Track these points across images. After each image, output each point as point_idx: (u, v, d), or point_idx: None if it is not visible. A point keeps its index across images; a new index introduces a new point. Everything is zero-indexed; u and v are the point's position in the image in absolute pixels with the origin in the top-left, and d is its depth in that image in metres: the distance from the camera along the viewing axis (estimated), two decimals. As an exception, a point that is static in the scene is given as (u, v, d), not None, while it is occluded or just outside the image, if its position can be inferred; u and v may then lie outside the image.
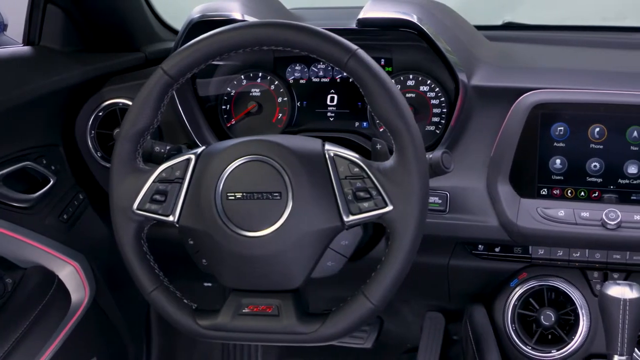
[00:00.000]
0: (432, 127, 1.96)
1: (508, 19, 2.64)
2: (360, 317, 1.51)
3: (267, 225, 1.50)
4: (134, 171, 1.59)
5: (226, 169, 1.53)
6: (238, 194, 1.52)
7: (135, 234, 1.59)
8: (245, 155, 1.53)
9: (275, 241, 1.50)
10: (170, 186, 1.57)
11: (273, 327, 1.54)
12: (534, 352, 1.94)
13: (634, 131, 1.78)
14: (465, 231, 1.88)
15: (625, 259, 1.91)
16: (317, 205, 1.51)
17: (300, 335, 1.53)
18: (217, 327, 1.56)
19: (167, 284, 1.61)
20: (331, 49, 1.50)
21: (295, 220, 1.50)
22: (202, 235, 1.56)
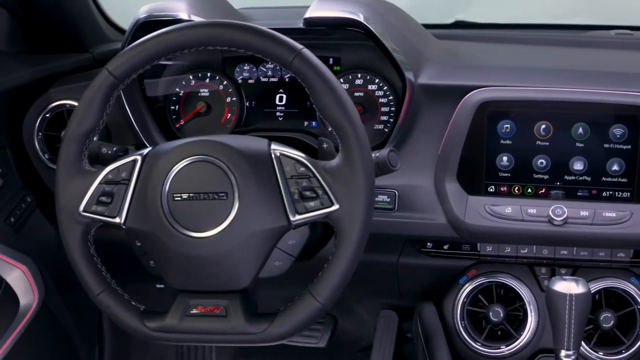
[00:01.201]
0: (381, 126, 1.97)
1: (460, 18, 2.65)
2: (308, 316, 1.51)
3: (214, 225, 1.49)
4: (80, 173, 1.58)
5: (172, 170, 1.52)
6: (184, 194, 1.51)
7: (82, 237, 1.58)
8: (191, 155, 1.52)
9: (221, 241, 1.49)
10: (116, 188, 1.56)
11: (221, 327, 1.53)
12: (483, 349, 1.95)
13: (579, 128, 1.80)
14: (414, 229, 1.89)
15: (572, 255, 1.92)
16: (263, 205, 1.50)
17: (249, 335, 1.53)
18: (165, 329, 1.55)
19: (115, 286, 1.59)
20: (276, 49, 1.50)
21: (241, 221, 1.49)
22: (149, 237, 1.55)
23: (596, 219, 1.79)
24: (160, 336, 1.56)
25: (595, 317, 1.91)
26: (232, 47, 1.52)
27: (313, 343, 2.54)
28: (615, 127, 1.79)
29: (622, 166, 1.80)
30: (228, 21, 1.53)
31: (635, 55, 2.19)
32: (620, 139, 1.79)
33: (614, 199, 1.81)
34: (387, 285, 2.12)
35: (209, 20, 1.64)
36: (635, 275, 1.94)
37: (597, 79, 1.89)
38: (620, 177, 1.80)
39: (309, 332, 2.58)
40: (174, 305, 1.56)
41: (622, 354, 1.92)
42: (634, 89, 1.81)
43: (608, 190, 1.81)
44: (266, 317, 1.53)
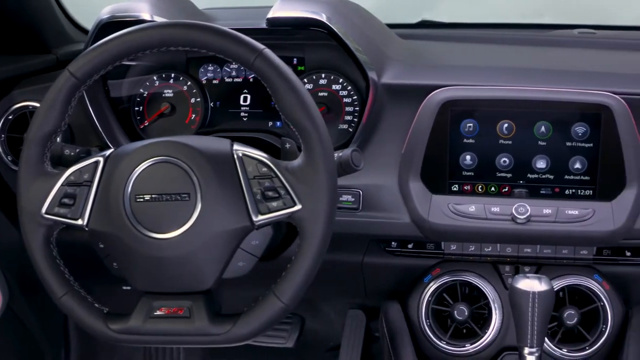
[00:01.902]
0: (345, 126, 1.97)
1: (427, 17, 2.66)
2: (271, 316, 1.51)
3: (177, 226, 1.49)
4: (42, 175, 1.57)
5: (134, 171, 1.51)
6: (147, 195, 1.50)
7: (45, 239, 1.57)
8: (153, 156, 1.52)
9: (184, 242, 1.49)
10: (78, 189, 1.55)
11: (185, 329, 1.53)
12: (448, 347, 1.96)
13: (542, 126, 1.81)
14: (378, 228, 1.89)
15: (536, 253, 1.93)
16: (226, 205, 1.50)
17: (212, 336, 1.52)
18: (129, 331, 1.54)
19: (78, 288, 1.59)
20: (238, 49, 1.50)
21: (204, 221, 1.49)
22: (112, 238, 1.54)
23: (559, 216, 1.80)
24: (123, 338, 1.56)
25: (559, 314, 1.93)
26: (194, 47, 1.51)
27: (281, 343, 2.54)
28: (577, 125, 1.80)
29: (585, 164, 1.81)
30: (189, 22, 1.53)
31: (597, 54, 2.21)
32: (582, 137, 1.80)
33: (576, 197, 1.83)
34: (353, 284, 2.13)
35: (170, 21, 1.64)
36: (598, 272, 1.95)
37: (559, 77, 1.90)
38: (582, 175, 1.81)
39: (277, 332, 2.58)
40: (137, 306, 1.55)
41: (586, 350, 1.94)
42: (595, 88, 1.82)
43: (571, 188, 1.82)
44: (230, 318, 1.53)
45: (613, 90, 1.81)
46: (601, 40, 2.31)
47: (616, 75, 1.93)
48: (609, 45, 2.27)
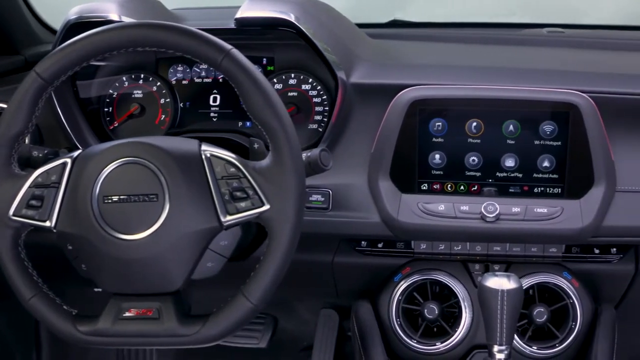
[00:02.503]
0: (315, 125, 1.97)
1: (399, 17, 2.67)
2: (240, 317, 1.51)
3: (145, 227, 1.49)
4: (9, 177, 1.56)
5: (102, 172, 1.51)
6: (115, 197, 1.50)
7: (12, 241, 1.56)
8: (120, 157, 1.52)
9: (153, 243, 1.49)
10: (46, 191, 1.54)
11: (154, 330, 1.53)
12: (419, 346, 1.97)
13: (510, 125, 1.81)
14: (348, 228, 1.89)
15: (505, 251, 1.94)
16: (194, 206, 1.50)
17: (181, 337, 1.52)
18: (98, 333, 1.54)
19: (47, 290, 1.58)
20: (205, 49, 1.50)
21: (172, 222, 1.49)
22: (80, 240, 1.53)
23: (528, 215, 1.81)
24: (92, 340, 1.55)
25: (529, 312, 1.93)
26: (161, 48, 1.51)
27: (254, 344, 2.53)
28: (545, 124, 1.81)
29: (553, 162, 1.82)
30: (156, 22, 1.53)
31: (566, 53, 2.23)
32: (551, 135, 1.81)
33: (545, 195, 1.83)
34: (324, 284, 2.13)
35: (137, 21, 1.63)
36: (567, 270, 1.97)
37: (527, 76, 1.91)
38: (551, 173, 1.82)
39: (250, 332, 2.58)
40: (106, 308, 1.55)
41: (556, 347, 1.95)
42: (563, 86, 1.83)
43: (539, 187, 1.83)
44: (199, 319, 1.53)
45: (581, 89, 1.82)
46: (570, 39, 2.33)
47: (584, 74, 1.94)
48: (577, 44, 2.29)
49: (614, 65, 2.09)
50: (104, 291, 1.57)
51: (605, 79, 1.91)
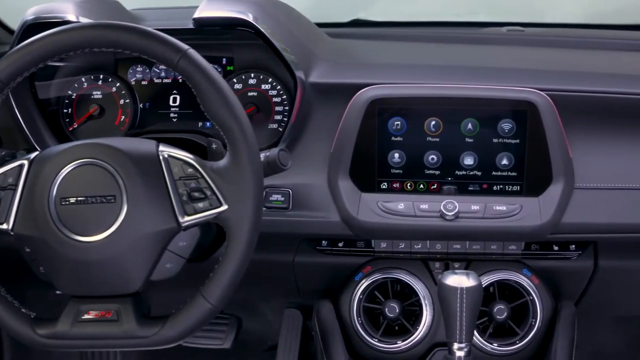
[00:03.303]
0: (275, 125, 1.96)
1: (362, 16, 2.67)
2: (199, 318, 1.51)
3: (102, 229, 1.48)
4: None
5: (59, 174, 1.51)
6: (72, 198, 1.49)
7: None
8: (77, 159, 1.51)
9: (110, 245, 1.48)
10: (3, 193, 1.54)
11: (113, 332, 1.52)
12: (380, 344, 1.97)
13: (469, 123, 1.82)
14: (309, 227, 1.89)
15: (465, 249, 1.95)
16: (152, 207, 1.50)
17: (140, 339, 1.52)
18: (57, 336, 1.53)
19: (5, 293, 1.57)
20: (161, 50, 1.50)
21: (130, 223, 1.48)
22: (38, 243, 1.53)
23: (487, 212, 1.82)
24: (51, 343, 1.55)
25: (489, 309, 1.94)
26: (118, 48, 1.51)
27: (218, 344, 2.52)
28: (504, 122, 1.82)
29: (512, 160, 1.83)
30: (112, 22, 1.52)
31: (525, 51, 2.24)
32: (509, 133, 1.82)
33: (504, 193, 1.84)
34: (286, 284, 2.13)
35: (94, 22, 1.62)
36: (527, 267, 1.98)
37: (486, 75, 1.92)
38: (509, 171, 1.83)
39: (213, 333, 2.57)
40: (65, 311, 1.55)
41: (516, 344, 1.96)
42: (521, 85, 1.84)
43: (498, 184, 1.84)
44: (158, 320, 1.52)
45: (539, 87, 1.83)
46: (529, 38, 2.35)
47: (542, 72, 1.96)
48: (536, 43, 2.30)
49: (573, 63, 2.11)
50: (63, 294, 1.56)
51: (563, 77, 1.93)
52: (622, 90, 1.86)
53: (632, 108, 1.86)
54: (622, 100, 1.86)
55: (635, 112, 1.86)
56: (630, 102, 1.86)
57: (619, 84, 1.89)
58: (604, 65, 2.09)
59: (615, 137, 1.88)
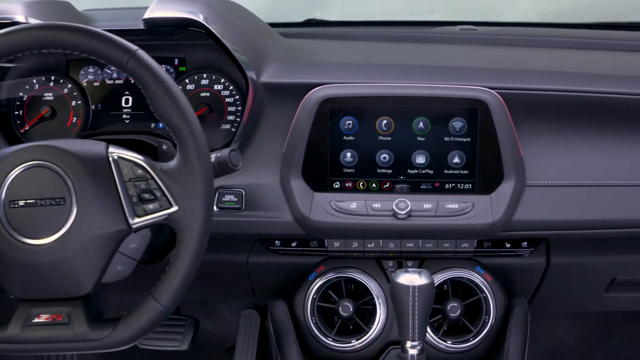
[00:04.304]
0: (228, 126, 1.96)
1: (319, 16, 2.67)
2: (150, 319, 1.50)
3: (52, 232, 1.48)
4: None
5: (8, 177, 1.49)
6: (21, 201, 1.48)
7: None
8: (26, 161, 1.50)
9: (61, 248, 1.48)
10: None
11: (64, 335, 1.51)
12: (335, 344, 1.97)
13: (420, 122, 1.83)
14: (261, 227, 1.89)
15: (418, 247, 1.96)
16: (102, 209, 1.49)
17: (92, 342, 1.51)
18: (7, 340, 1.52)
19: None
20: (110, 50, 1.49)
21: (80, 226, 1.48)
22: None
23: (439, 211, 1.82)
24: (1, 347, 1.53)
25: (443, 307, 1.95)
26: (67, 49, 1.50)
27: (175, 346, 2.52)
28: (455, 120, 1.82)
29: (463, 158, 1.84)
30: (61, 23, 1.51)
31: (477, 50, 2.25)
32: (460, 132, 1.83)
33: (456, 191, 1.85)
34: (240, 284, 2.12)
35: (42, 23, 1.61)
36: (480, 264, 1.99)
37: (437, 73, 1.93)
38: (461, 169, 1.84)
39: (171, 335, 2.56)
40: (15, 315, 1.53)
41: (470, 341, 1.97)
42: (472, 83, 1.85)
43: (450, 183, 1.85)
44: (110, 323, 1.52)
45: (489, 85, 1.84)
46: (481, 37, 2.36)
47: (492, 70, 1.97)
48: (488, 42, 2.32)
49: (524, 61, 2.12)
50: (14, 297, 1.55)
51: (514, 75, 1.94)
52: (571, 88, 1.88)
53: (582, 106, 1.88)
54: (572, 98, 1.87)
55: (585, 110, 1.88)
56: (580, 100, 1.87)
57: (569, 82, 1.90)
58: (554, 64, 2.11)
59: (566, 135, 1.89)
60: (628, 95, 1.87)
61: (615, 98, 1.87)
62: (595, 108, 1.88)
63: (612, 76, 1.96)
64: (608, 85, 1.89)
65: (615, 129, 1.89)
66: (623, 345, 2.96)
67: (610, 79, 1.93)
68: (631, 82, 1.92)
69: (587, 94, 1.87)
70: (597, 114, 1.88)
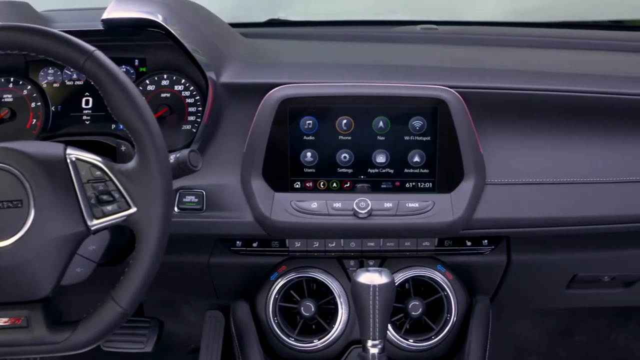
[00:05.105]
0: (189, 126, 1.95)
1: (282, 16, 2.67)
2: (110, 322, 1.49)
3: (10, 234, 1.47)
4: None
5: None
6: None
7: None
8: None
9: (18, 250, 1.47)
10: None
11: (23, 339, 1.50)
12: (297, 344, 1.97)
13: (380, 121, 1.83)
14: (222, 228, 1.88)
15: (379, 246, 1.96)
16: (60, 211, 1.48)
17: (52, 345, 1.50)
18: None
19: None
20: (67, 51, 1.48)
21: (38, 228, 1.47)
22: None
23: (400, 210, 1.83)
24: None
25: (405, 305, 1.96)
26: (23, 50, 1.49)
27: (139, 348, 2.51)
28: (415, 119, 1.83)
29: (423, 157, 1.84)
30: (17, 24, 1.50)
31: (438, 49, 2.26)
32: (420, 131, 1.83)
33: (416, 190, 1.86)
34: (203, 285, 2.12)
35: None
36: (441, 263, 2.00)
37: (396, 72, 1.94)
38: (421, 168, 1.85)
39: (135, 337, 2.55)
40: None
41: (432, 339, 1.97)
42: (431, 82, 1.86)
43: (411, 182, 1.85)
44: (69, 326, 1.51)
45: (449, 84, 1.85)
46: (442, 36, 2.37)
47: (452, 69, 1.98)
48: (449, 41, 2.33)
49: (484, 60, 2.13)
50: None
51: (474, 74, 1.95)
52: (531, 86, 1.89)
53: (541, 104, 1.89)
54: (531, 97, 1.88)
55: (544, 108, 1.89)
56: (540, 98, 1.88)
57: (529, 81, 1.91)
58: (515, 63, 2.12)
59: (526, 133, 1.90)
60: (586, 94, 1.89)
61: (573, 96, 1.88)
62: (554, 106, 1.89)
63: (571, 74, 1.97)
64: (567, 83, 1.91)
65: (574, 127, 1.91)
66: (587, 341, 2.99)
67: (569, 78, 1.94)
68: (590, 80, 1.94)
69: (547, 92, 1.88)
70: (556, 112, 1.90)
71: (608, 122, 1.90)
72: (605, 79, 1.94)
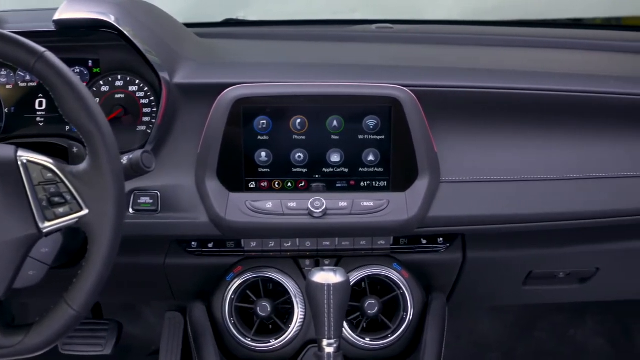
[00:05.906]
0: (144, 127, 1.94)
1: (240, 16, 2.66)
2: (63, 325, 1.48)
3: None
4: None
5: None
6: None
7: None
8: None
9: None
10: None
11: None
12: (253, 344, 1.97)
13: (334, 121, 1.83)
14: (177, 229, 1.88)
15: (335, 245, 1.97)
16: (10, 214, 1.47)
17: (4, 348, 1.49)
18: None
19: None
20: (17, 52, 1.47)
21: None
22: None
23: (354, 209, 1.83)
24: None
25: (361, 304, 1.96)
26: None
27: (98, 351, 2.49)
28: (368, 118, 1.83)
29: (378, 156, 1.85)
30: None
31: (392, 48, 2.27)
32: (374, 130, 1.84)
33: (371, 189, 1.86)
34: (159, 287, 2.11)
35: None
36: (397, 261, 2.01)
37: (350, 72, 1.94)
38: (376, 167, 1.85)
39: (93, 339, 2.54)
40: None
41: (388, 338, 1.98)
42: (385, 81, 1.86)
43: (365, 180, 1.86)
44: (22, 329, 1.49)
45: (402, 83, 1.85)
46: (397, 35, 2.38)
47: (406, 68, 1.98)
48: (404, 39, 2.34)
49: (438, 59, 2.14)
50: None
51: (427, 73, 1.95)
52: (485, 85, 1.90)
53: (495, 102, 1.90)
54: (485, 95, 1.89)
55: (498, 106, 1.90)
56: (493, 97, 1.89)
57: (482, 79, 1.92)
58: (469, 61, 2.13)
59: (480, 131, 1.91)
60: (540, 92, 1.90)
61: (528, 94, 1.89)
62: (509, 104, 1.90)
63: (526, 72, 1.99)
64: (522, 81, 1.92)
65: (529, 125, 1.92)
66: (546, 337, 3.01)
67: (525, 76, 1.96)
68: (544, 78, 1.95)
69: (500, 90, 1.89)
70: (510, 110, 1.91)
71: (560, 119, 1.91)
72: (557, 76, 1.96)
